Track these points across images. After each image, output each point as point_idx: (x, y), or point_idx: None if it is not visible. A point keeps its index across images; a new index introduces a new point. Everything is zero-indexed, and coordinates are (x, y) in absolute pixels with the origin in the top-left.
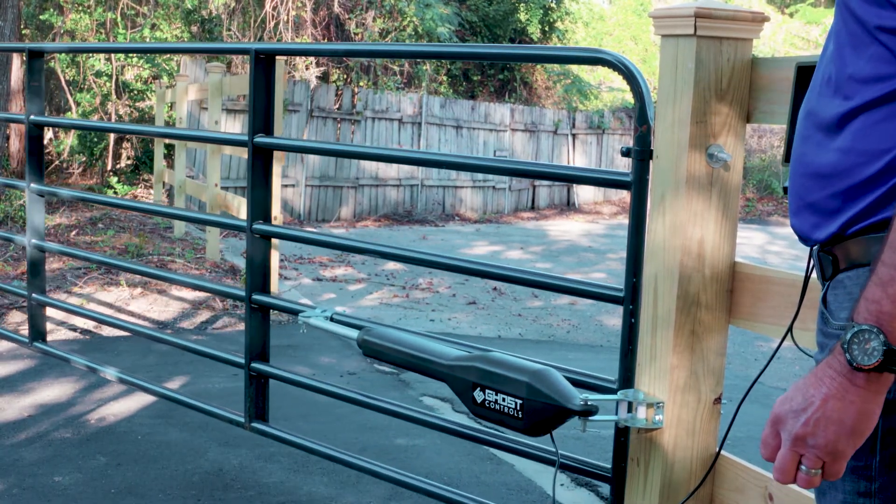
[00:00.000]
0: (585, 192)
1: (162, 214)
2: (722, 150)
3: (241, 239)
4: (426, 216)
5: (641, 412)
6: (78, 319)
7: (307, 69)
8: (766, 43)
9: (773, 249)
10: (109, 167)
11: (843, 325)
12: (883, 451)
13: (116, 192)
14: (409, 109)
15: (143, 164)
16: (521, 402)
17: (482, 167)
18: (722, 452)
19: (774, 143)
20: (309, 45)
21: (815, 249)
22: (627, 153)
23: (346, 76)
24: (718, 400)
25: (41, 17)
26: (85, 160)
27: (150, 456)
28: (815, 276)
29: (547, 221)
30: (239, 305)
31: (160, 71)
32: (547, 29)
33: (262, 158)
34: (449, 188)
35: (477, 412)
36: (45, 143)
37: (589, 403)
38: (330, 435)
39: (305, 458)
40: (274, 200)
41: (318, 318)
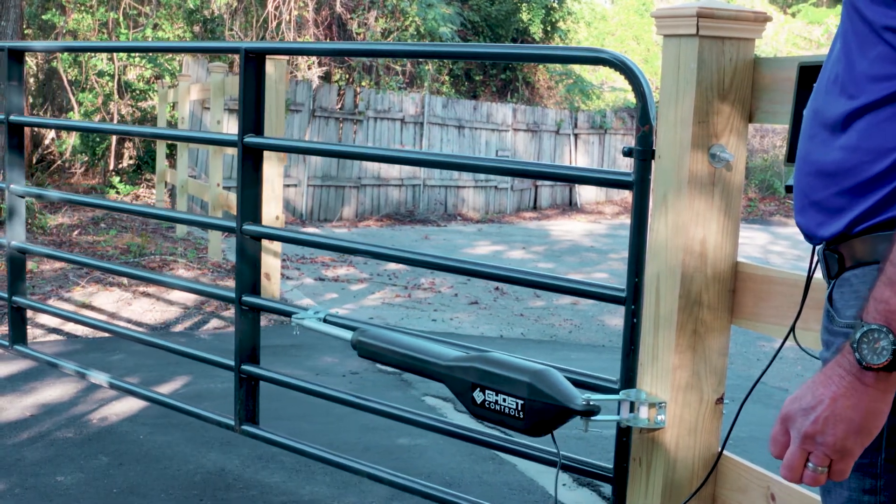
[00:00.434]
0: (587, 192)
1: (155, 216)
2: (724, 149)
3: None
4: (428, 216)
5: (643, 412)
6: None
7: (309, 69)
8: (768, 43)
9: (775, 249)
10: (112, 167)
11: (849, 323)
12: (889, 448)
13: (119, 191)
14: (411, 109)
15: (145, 163)
16: (522, 402)
17: (484, 167)
18: (724, 452)
19: (777, 142)
20: (300, 43)
21: (820, 248)
22: (629, 153)
23: (348, 76)
24: (721, 400)
25: (43, 16)
26: (87, 160)
27: (152, 456)
28: (819, 275)
29: (549, 221)
30: None
31: (162, 71)
32: (549, 29)
33: (252, 158)
34: (451, 188)
35: (476, 413)
36: (47, 143)
37: (591, 403)
38: (331, 435)
39: (307, 458)
40: (276, 200)
41: (311, 319)
